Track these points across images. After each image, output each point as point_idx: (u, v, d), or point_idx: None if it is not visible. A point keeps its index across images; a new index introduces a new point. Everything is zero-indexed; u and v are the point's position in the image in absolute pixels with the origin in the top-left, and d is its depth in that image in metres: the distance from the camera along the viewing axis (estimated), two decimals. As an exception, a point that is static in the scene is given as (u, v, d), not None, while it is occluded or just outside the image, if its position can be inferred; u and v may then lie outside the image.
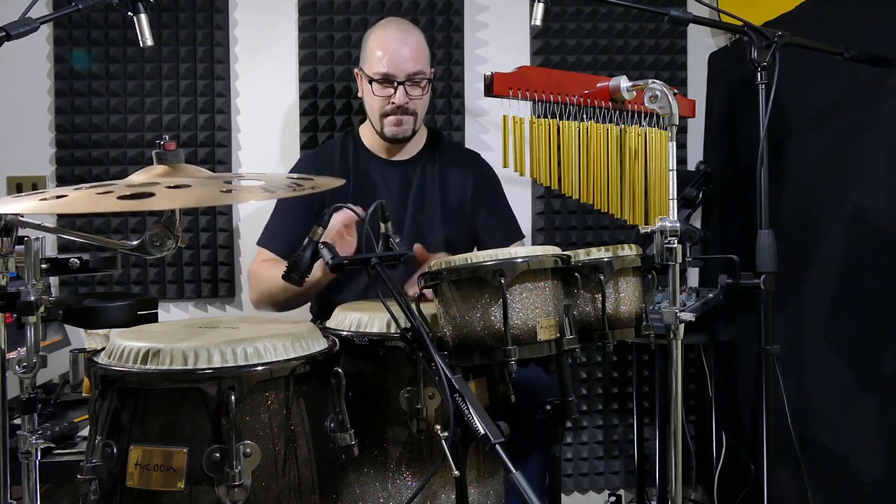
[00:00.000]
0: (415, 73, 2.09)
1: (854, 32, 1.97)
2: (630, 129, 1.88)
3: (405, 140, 2.18)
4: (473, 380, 1.63)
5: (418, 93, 2.11)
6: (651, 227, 1.66)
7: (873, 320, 1.91)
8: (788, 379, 1.98)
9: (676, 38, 2.69)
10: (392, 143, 2.19)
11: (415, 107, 2.13)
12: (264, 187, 1.32)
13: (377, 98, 2.11)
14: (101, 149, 2.51)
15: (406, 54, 2.08)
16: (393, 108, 2.10)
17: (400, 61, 2.07)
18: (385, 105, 2.10)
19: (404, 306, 1.36)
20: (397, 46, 2.09)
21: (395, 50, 2.08)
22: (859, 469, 1.95)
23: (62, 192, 1.22)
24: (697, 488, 2.66)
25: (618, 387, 2.72)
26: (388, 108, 2.11)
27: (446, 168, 2.26)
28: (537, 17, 1.82)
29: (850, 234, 1.98)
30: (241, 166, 2.61)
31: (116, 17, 2.48)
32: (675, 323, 1.65)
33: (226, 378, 1.29)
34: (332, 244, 1.46)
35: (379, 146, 2.23)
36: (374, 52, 2.10)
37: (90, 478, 1.30)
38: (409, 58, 2.08)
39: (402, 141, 2.18)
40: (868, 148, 1.94)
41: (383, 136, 2.16)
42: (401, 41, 2.10)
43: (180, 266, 2.55)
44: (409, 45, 2.10)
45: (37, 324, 1.29)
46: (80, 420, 1.83)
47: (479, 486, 1.62)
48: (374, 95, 2.11)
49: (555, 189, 1.88)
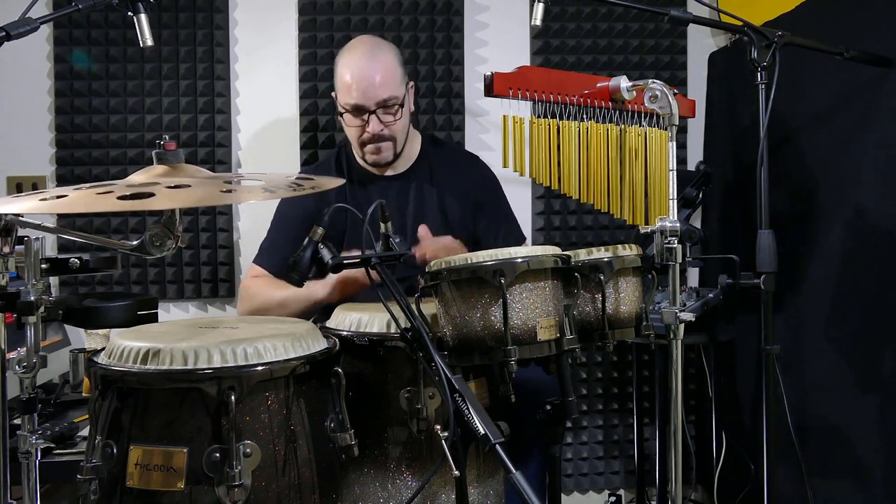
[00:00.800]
0: (386, 100, 2.03)
1: (854, 32, 1.97)
2: (630, 129, 1.88)
3: (389, 164, 2.17)
4: (473, 380, 1.63)
5: (391, 119, 2.06)
6: (651, 227, 1.66)
7: (873, 320, 1.91)
8: (788, 379, 1.98)
9: (676, 38, 2.69)
10: (378, 167, 2.18)
11: (391, 132, 2.08)
12: (264, 187, 1.32)
13: (351, 128, 2.09)
14: (101, 149, 2.51)
15: (376, 80, 2.02)
16: (369, 137, 2.07)
17: (368, 89, 2.01)
18: (361, 134, 2.07)
19: (404, 306, 1.36)
20: (366, 73, 2.02)
21: (364, 77, 2.02)
22: (859, 469, 1.95)
23: (62, 192, 1.22)
24: (697, 488, 2.66)
25: (618, 387, 2.72)
26: (364, 138, 2.08)
27: (444, 178, 2.23)
28: (537, 17, 1.82)
29: (850, 234, 1.98)
30: (241, 166, 2.61)
31: (116, 17, 2.49)
32: (675, 323, 1.65)
33: (226, 378, 1.28)
34: (331, 244, 1.46)
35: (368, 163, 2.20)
36: (344, 79, 2.05)
37: (90, 478, 1.29)
38: (379, 84, 2.02)
39: (386, 165, 2.17)
40: (868, 148, 1.94)
41: (367, 163, 2.16)
42: (369, 67, 2.03)
43: (180, 266, 2.55)
44: (378, 70, 2.03)
45: (37, 324, 1.29)
46: (80, 420, 1.83)
47: (479, 486, 1.62)
48: (347, 125, 2.10)
49: (555, 189, 1.88)
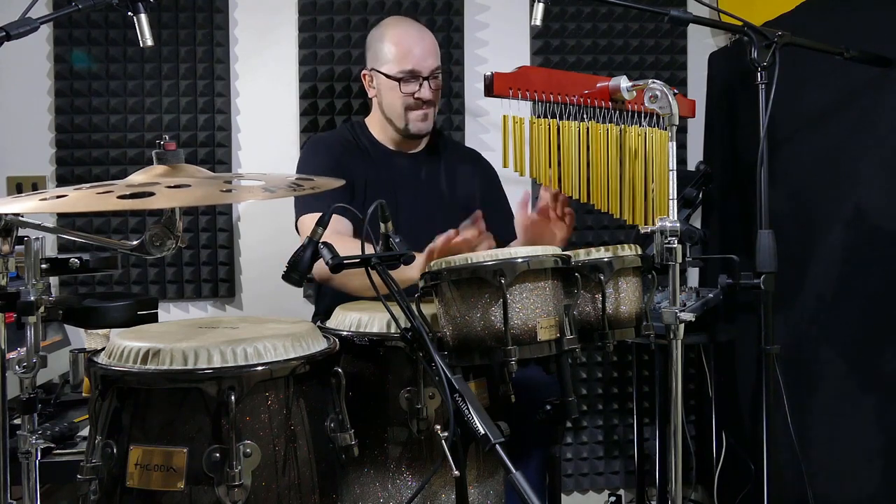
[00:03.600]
0: (435, 69, 2.16)
1: (854, 32, 1.97)
2: (630, 129, 1.88)
3: (427, 134, 2.23)
4: (473, 380, 1.62)
5: (438, 87, 2.18)
6: (651, 227, 1.66)
7: (873, 320, 1.91)
8: (788, 379, 1.98)
9: (676, 38, 2.69)
10: (414, 138, 2.22)
11: (436, 99, 2.19)
12: (264, 187, 1.32)
13: (401, 95, 2.14)
14: (101, 149, 2.51)
15: (428, 49, 2.16)
16: (418, 103, 2.14)
17: (423, 58, 2.13)
18: (408, 100, 2.14)
19: (404, 306, 1.36)
20: (418, 43, 2.15)
21: (420, 45, 2.15)
22: (859, 469, 1.94)
23: (62, 192, 1.22)
24: (697, 488, 2.66)
25: (618, 387, 2.72)
26: (411, 103, 2.15)
27: (451, 164, 2.28)
28: (537, 17, 1.83)
29: (850, 234, 1.98)
30: (241, 166, 2.61)
31: (116, 17, 2.48)
32: (675, 323, 1.65)
33: (226, 378, 1.28)
34: (331, 244, 1.46)
35: (389, 140, 2.24)
36: (394, 51, 2.14)
37: (90, 478, 1.29)
38: (430, 53, 2.15)
39: (424, 136, 2.23)
40: (868, 148, 1.94)
41: (406, 132, 2.18)
42: (419, 38, 2.17)
43: (180, 266, 2.55)
44: (428, 40, 2.18)
45: (37, 324, 1.30)
46: (80, 420, 1.83)
47: (479, 486, 1.62)
48: (399, 92, 2.14)
49: (555, 189, 1.88)
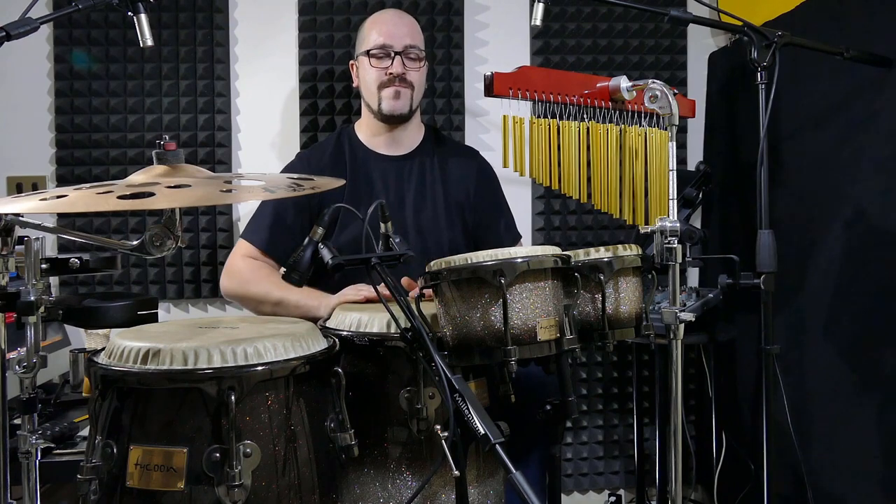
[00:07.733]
0: (411, 46, 2.13)
1: (854, 32, 1.97)
2: (630, 129, 1.88)
3: (403, 118, 2.16)
4: (473, 380, 1.62)
5: (415, 66, 2.14)
6: (651, 227, 1.66)
7: (873, 320, 1.90)
8: (788, 379, 1.98)
9: (676, 38, 2.69)
10: (390, 121, 2.16)
11: (412, 79, 2.14)
12: (264, 187, 1.32)
13: (374, 70, 2.12)
14: (101, 149, 2.51)
15: (403, 29, 2.15)
16: (390, 78, 2.11)
17: (396, 34, 2.13)
18: (381, 76, 2.12)
19: (404, 306, 1.36)
20: (393, 22, 2.17)
21: (392, 23, 2.16)
22: (859, 469, 1.95)
23: (62, 192, 1.22)
24: (697, 488, 2.66)
25: (618, 387, 2.72)
26: (384, 79, 2.12)
27: (447, 162, 2.24)
28: (537, 17, 1.83)
29: (850, 234, 1.98)
30: (241, 166, 2.61)
31: (116, 17, 2.49)
32: (675, 323, 1.65)
33: (226, 378, 1.28)
34: (331, 244, 1.46)
35: (375, 141, 2.20)
36: (370, 31, 2.16)
37: (90, 478, 1.29)
38: (405, 32, 2.14)
39: (399, 119, 2.16)
40: (868, 148, 1.94)
41: (381, 114, 2.14)
42: (397, 17, 2.19)
43: (180, 266, 2.55)
44: (405, 22, 2.18)
45: (37, 324, 1.30)
46: (80, 420, 1.83)
47: (479, 486, 1.61)
48: (370, 68, 2.12)
49: (555, 189, 1.88)
